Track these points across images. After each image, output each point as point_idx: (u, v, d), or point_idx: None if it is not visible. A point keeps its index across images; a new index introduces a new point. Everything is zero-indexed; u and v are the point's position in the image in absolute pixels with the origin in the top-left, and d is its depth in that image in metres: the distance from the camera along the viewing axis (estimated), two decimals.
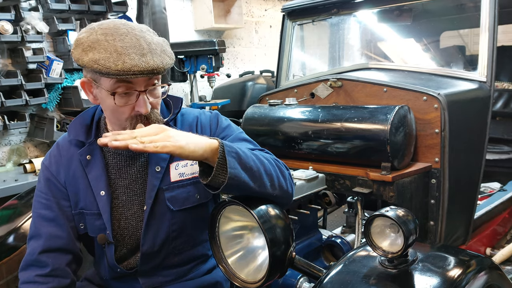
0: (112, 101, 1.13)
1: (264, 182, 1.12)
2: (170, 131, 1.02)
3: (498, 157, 3.03)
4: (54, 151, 1.31)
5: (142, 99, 1.14)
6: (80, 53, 1.09)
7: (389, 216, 1.02)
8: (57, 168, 1.28)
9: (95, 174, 1.25)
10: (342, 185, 1.76)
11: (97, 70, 1.07)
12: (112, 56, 1.07)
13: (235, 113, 3.71)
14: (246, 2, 4.98)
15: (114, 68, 1.06)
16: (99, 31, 1.11)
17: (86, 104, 3.17)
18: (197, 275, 1.35)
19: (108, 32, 1.10)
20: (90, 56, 1.08)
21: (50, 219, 1.25)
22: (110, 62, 1.06)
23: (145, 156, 1.27)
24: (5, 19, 2.91)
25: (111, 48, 1.08)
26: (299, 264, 1.17)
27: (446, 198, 1.73)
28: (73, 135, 1.28)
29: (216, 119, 1.34)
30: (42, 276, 1.21)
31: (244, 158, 1.08)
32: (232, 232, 1.22)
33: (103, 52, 1.07)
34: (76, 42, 1.12)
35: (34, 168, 2.96)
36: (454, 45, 3.60)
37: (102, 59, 1.06)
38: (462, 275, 1.02)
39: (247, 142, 1.30)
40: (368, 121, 1.68)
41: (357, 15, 2.49)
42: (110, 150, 1.27)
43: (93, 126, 1.29)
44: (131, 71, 1.07)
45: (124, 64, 1.06)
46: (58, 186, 1.28)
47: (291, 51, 2.59)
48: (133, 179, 1.28)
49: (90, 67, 1.08)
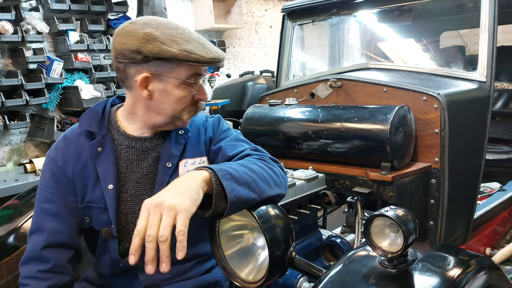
0: (180, 91, 1.19)
1: (262, 189, 1.13)
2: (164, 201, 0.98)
3: (498, 157, 3.03)
4: (61, 144, 1.30)
5: (203, 87, 1.25)
6: (162, 46, 1.12)
7: (389, 216, 1.02)
8: (65, 161, 1.27)
9: (105, 167, 1.25)
10: (342, 185, 1.76)
11: (192, 59, 1.13)
12: (198, 47, 1.15)
13: (235, 113, 3.71)
14: (247, 2, 4.99)
15: (206, 56, 1.15)
16: (161, 25, 1.15)
17: (86, 104, 3.18)
18: (197, 273, 1.35)
19: (169, 26, 1.16)
20: (178, 47, 1.12)
21: (54, 214, 1.25)
22: (202, 52, 1.14)
23: (157, 151, 1.28)
24: (6, 19, 2.92)
25: (191, 39, 1.15)
26: (299, 264, 1.17)
27: (445, 198, 1.73)
28: (85, 126, 1.28)
29: (218, 123, 1.39)
30: (43, 271, 1.21)
31: (237, 175, 1.08)
32: (232, 232, 1.22)
33: (187, 43, 1.14)
34: (146, 37, 1.12)
35: (34, 168, 2.96)
36: (454, 45, 3.61)
37: (194, 49, 1.13)
38: (462, 275, 1.02)
39: (243, 142, 1.33)
40: (368, 121, 1.68)
41: (357, 15, 2.49)
42: (123, 143, 1.27)
43: (105, 118, 1.30)
44: (215, 59, 1.17)
45: (211, 53, 1.16)
46: (64, 179, 1.27)
47: (291, 51, 2.59)
48: (144, 173, 1.28)
49: (182, 57, 1.12)
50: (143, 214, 0.98)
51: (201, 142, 1.34)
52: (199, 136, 1.34)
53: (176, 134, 1.30)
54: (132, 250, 0.95)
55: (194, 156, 1.31)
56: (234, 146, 1.31)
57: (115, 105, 1.36)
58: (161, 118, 1.23)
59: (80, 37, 3.31)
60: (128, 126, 1.29)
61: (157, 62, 1.14)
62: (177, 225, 0.95)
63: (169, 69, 1.16)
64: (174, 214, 0.96)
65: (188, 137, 1.32)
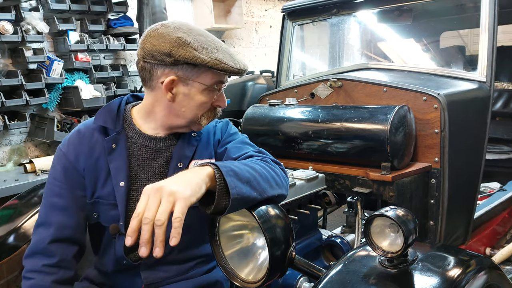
0: (202, 96, 1.23)
1: (263, 188, 1.14)
2: (165, 185, 1.00)
3: (498, 157, 3.03)
4: (73, 138, 1.30)
5: (223, 95, 1.29)
6: (194, 52, 1.15)
7: (389, 216, 1.02)
8: (76, 155, 1.27)
9: (117, 164, 1.26)
10: (342, 185, 1.76)
11: (221, 68, 1.17)
12: (227, 57, 1.19)
13: (235, 113, 3.71)
14: (246, 2, 4.99)
15: (235, 67, 1.19)
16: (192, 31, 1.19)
17: (86, 104, 3.18)
18: (197, 273, 1.35)
19: (200, 33, 1.21)
20: (209, 55, 1.16)
21: (62, 208, 1.25)
22: (230, 61, 1.19)
23: (170, 151, 1.30)
24: (6, 19, 2.92)
25: (220, 49, 1.20)
26: (299, 264, 1.17)
27: (446, 198, 1.73)
28: (101, 121, 1.29)
29: (226, 126, 1.43)
30: (49, 266, 1.21)
31: (240, 173, 1.10)
32: (232, 232, 1.22)
33: (217, 52, 1.18)
34: (178, 41, 1.15)
35: (34, 168, 2.96)
36: (454, 45, 3.60)
37: (223, 58, 1.17)
38: (462, 275, 1.02)
39: (248, 145, 1.35)
40: (368, 121, 1.68)
41: (357, 15, 2.49)
42: (137, 142, 1.29)
43: (120, 116, 1.31)
44: (241, 70, 1.21)
45: (238, 63, 1.21)
46: (75, 174, 1.27)
47: (291, 51, 2.59)
48: (156, 172, 1.29)
49: (212, 65, 1.16)
50: (143, 197, 1.00)
51: (210, 144, 1.37)
52: (209, 139, 1.37)
53: (189, 136, 1.33)
54: (130, 231, 0.96)
55: (203, 157, 1.33)
56: (239, 148, 1.33)
57: (129, 103, 1.38)
58: (180, 120, 1.26)
59: (80, 37, 3.32)
60: (144, 125, 1.31)
61: (186, 66, 1.18)
62: (175, 212, 0.96)
63: (196, 74, 1.20)
64: (173, 200, 0.97)
65: (200, 140, 1.35)
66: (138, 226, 0.97)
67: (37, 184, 2.05)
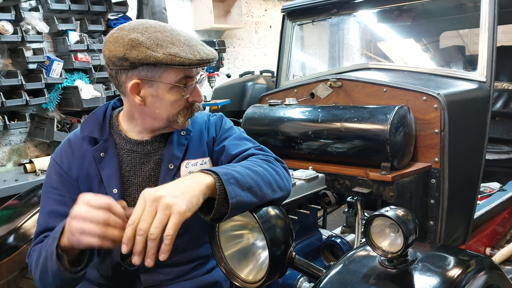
0: (171, 95, 1.17)
1: (265, 193, 1.13)
2: (162, 196, 0.97)
3: (498, 157, 3.03)
4: (65, 148, 1.30)
5: (198, 89, 1.22)
6: (146, 51, 1.10)
7: (389, 216, 1.02)
8: (69, 164, 1.27)
9: (109, 171, 1.25)
10: (342, 185, 1.76)
11: (177, 63, 1.10)
12: (185, 49, 1.12)
13: (235, 113, 3.71)
14: (246, 2, 4.99)
15: (194, 58, 1.11)
16: (148, 29, 1.13)
17: (86, 104, 3.18)
18: (197, 274, 1.35)
19: (157, 29, 1.14)
20: (163, 51, 1.10)
21: (66, 215, 1.24)
22: (188, 53, 1.11)
23: (159, 153, 1.28)
24: (5, 19, 2.92)
25: (177, 42, 1.12)
26: (299, 264, 1.17)
27: (445, 198, 1.73)
28: (87, 132, 1.28)
29: (220, 121, 1.39)
30: None
31: (241, 180, 1.08)
32: (232, 232, 1.22)
33: (173, 46, 1.11)
34: (131, 43, 1.11)
35: (34, 168, 2.96)
36: (453, 45, 3.60)
37: (179, 52, 1.10)
38: (462, 275, 1.02)
39: (247, 141, 1.33)
40: (368, 121, 1.68)
41: (357, 15, 2.49)
42: (125, 147, 1.28)
43: (106, 123, 1.29)
44: (202, 60, 1.13)
45: (199, 54, 1.13)
46: (71, 181, 1.26)
47: (291, 51, 2.59)
48: (146, 176, 1.28)
49: (167, 62, 1.10)
50: (140, 203, 0.98)
51: (203, 142, 1.33)
52: (201, 137, 1.34)
53: (178, 136, 1.30)
54: (125, 239, 0.96)
55: (196, 157, 1.31)
56: (237, 145, 1.30)
57: (116, 108, 1.36)
58: (158, 122, 1.23)
59: (80, 37, 3.31)
60: (129, 130, 1.29)
61: (145, 67, 1.13)
62: (167, 228, 0.96)
63: (158, 73, 1.15)
64: (169, 214, 0.96)
65: (191, 138, 1.32)
66: (133, 233, 0.96)
67: (36, 184, 2.05)
